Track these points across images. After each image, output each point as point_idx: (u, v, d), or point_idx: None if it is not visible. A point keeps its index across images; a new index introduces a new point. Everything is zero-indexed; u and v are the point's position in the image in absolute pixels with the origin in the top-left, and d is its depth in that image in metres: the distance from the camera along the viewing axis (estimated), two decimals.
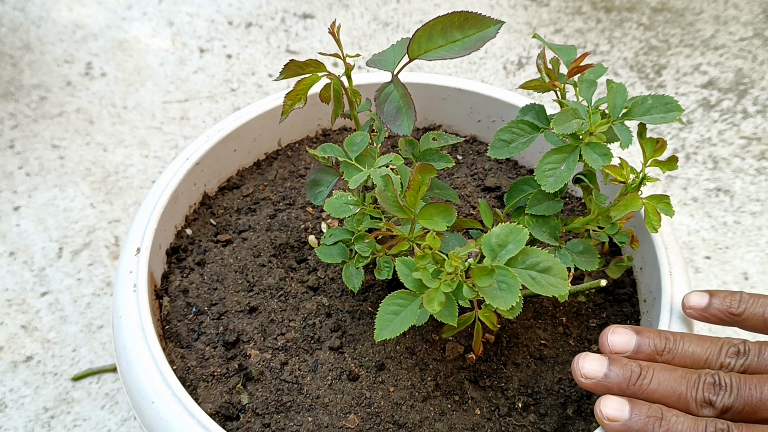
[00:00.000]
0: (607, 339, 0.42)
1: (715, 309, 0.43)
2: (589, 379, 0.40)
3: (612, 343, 0.41)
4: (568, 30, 1.11)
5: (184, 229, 0.57)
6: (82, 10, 1.13)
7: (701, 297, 0.44)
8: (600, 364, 0.40)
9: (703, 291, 0.44)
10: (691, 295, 0.44)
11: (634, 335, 0.41)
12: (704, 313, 0.43)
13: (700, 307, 0.43)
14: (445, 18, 0.42)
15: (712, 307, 0.43)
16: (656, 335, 0.41)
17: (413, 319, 0.40)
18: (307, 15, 1.14)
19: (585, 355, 0.41)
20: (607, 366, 0.40)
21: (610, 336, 0.42)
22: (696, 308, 0.43)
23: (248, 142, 0.61)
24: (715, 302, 0.43)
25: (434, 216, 0.42)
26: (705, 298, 0.43)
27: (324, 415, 0.45)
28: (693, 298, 0.44)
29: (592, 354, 0.41)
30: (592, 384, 0.40)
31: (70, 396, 0.68)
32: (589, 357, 0.40)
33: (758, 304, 0.42)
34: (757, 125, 0.95)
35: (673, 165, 0.46)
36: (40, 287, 0.77)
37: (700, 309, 0.43)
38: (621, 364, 0.40)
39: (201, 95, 1.00)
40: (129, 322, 0.46)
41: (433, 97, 0.65)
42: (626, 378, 0.39)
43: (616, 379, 0.39)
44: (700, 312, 0.43)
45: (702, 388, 0.38)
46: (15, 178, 0.88)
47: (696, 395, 0.38)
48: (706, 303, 0.43)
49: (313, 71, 0.45)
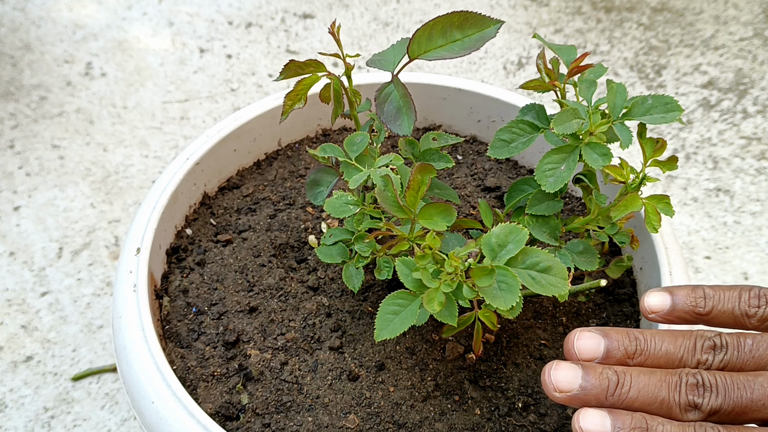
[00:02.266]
0: (573, 345, 0.38)
1: (680, 310, 0.40)
2: (563, 392, 0.36)
3: (579, 349, 0.38)
4: (568, 30, 1.11)
5: (184, 229, 0.57)
6: (82, 10, 1.13)
7: (663, 298, 0.40)
8: (574, 375, 0.36)
9: (663, 289, 0.40)
10: (651, 297, 0.40)
11: (602, 339, 0.38)
12: (668, 317, 0.40)
13: (663, 310, 0.40)
14: (445, 18, 0.42)
15: (676, 309, 0.40)
16: (625, 336, 0.38)
17: (413, 319, 0.40)
18: (307, 15, 1.14)
19: (556, 364, 0.37)
20: (582, 377, 0.36)
21: (577, 342, 0.38)
22: (659, 312, 0.40)
23: (248, 142, 0.61)
24: (679, 303, 0.40)
25: (434, 216, 0.42)
26: (667, 299, 0.40)
27: (324, 415, 0.45)
28: (654, 300, 0.40)
29: (563, 363, 0.37)
30: (567, 398, 0.36)
31: (70, 396, 0.68)
32: (561, 367, 0.36)
33: (726, 300, 0.39)
34: (757, 125, 0.95)
35: (673, 165, 0.46)
36: (40, 287, 0.77)
37: (664, 313, 0.40)
38: (596, 374, 0.36)
39: (201, 95, 1.00)
40: (129, 322, 0.46)
41: (433, 97, 0.65)
42: (603, 388, 0.36)
43: (592, 391, 0.36)
44: (664, 316, 0.40)
45: (684, 391, 0.35)
46: (15, 178, 0.88)
47: (679, 399, 0.35)
48: (669, 305, 0.40)
49: (313, 71, 0.45)
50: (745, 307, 0.39)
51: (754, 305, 0.38)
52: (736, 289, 0.39)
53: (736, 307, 0.39)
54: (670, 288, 0.41)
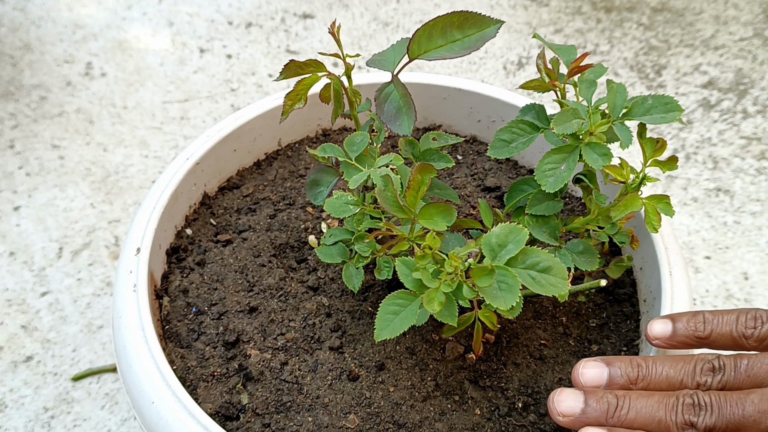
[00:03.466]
0: (579, 375, 0.41)
1: (681, 336, 0.42)
2: (566, 417, 0.39)
3: (584, 379, 0.41)
4: (568, 30, 1.11)
5: (184, 229, 0.57)
6: (82, 10, 1.13)
7: (664, 325, 0.43)
8: (576, 400, 0.39)
9: (665, 317, 0.44)
10: (654, 325, 0.44)
11: (605, 368, 0.41)
12: (671, 342, 0.43)
13: (665, 336, 0.43)
14: (445, 18, 0.42)
15: (677, 334, 0.43)
16: (627, 364, 0.41)
17: (413, 319, 0.40)
18: (307, 15, 1.14)
19: (560, 391, 0.40)
20: (584, 401, 0.39)
21: (582, 372, 0.41)
22: (662, 338, 0.43)
23: (248, 142, 0.61)
24: (680, 328, 0.43)
25: (434, 216, 0.42)
26: (669, 326, 0.43)
27: (324, 415, 0.45)
28: (656, 328, 0.43)
29: (567, 390, 0.40)
30: (570, 421, 0.39)
31: (70, 396, 0.68)
32: (565, 393, 0.40)
33: (723, 323, 0.42)
34: (757, 125, 0.95)
35: (673, 165, 0.46)
36: (40, 287, 0.77)
37: (666, 338, 0.43)
38: (597, 398, 0.39)
39: (201, 95, 1.00)
40: (129, 322, 0.46)
41: (433, 97, 0.65)
42: (603, 411, 0.38)
43: (593, 414, 0.39)
44: (667, 341, 0.43)
45: (681, 411, 0.37)
46: (15, 178, 0.88)
47: (676, 419, 0.37)
48: (670, 331, 0.43)
49: (313, 71, 0.45)
50: (742, 329, 0.41)
51: (751, 326, 0.41)
52: (735, 313, 0.42)
53: (734, 330, 0.41)
54: (672, 315, 0.44)
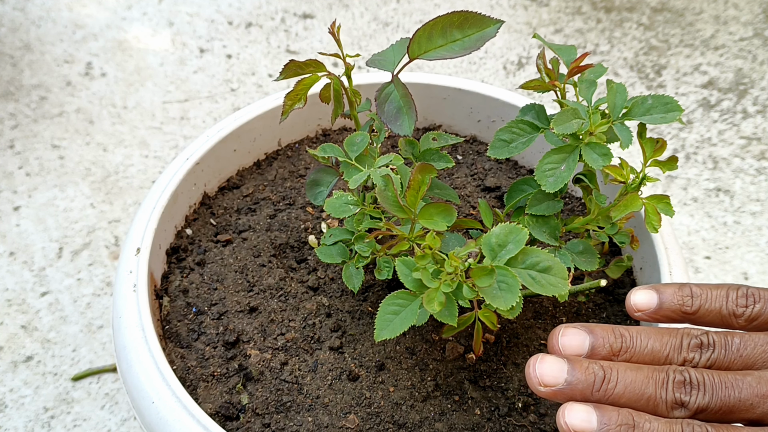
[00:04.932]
0: (557, 341, 0.37)
1: (666, 309, 0.39)
2: (548, 387, 0.35)
3: (564, 345, 0.37)
4: (568, 30, 1.11)
5: (184, 229, 0.57)
6: (82, 10, 1.13)
7: (649, 296, 0.40)
8: (559, 369, 0.35)
9: (649, 287, 0.40)
10: (637, 294, 0.40)
11: (587, 335, 0.37)
12: (655, 315, 0.40)
13: (650, 308, 0.40)
14: (445, 18, 0.42)
15: (663, 307, 0.39)
16: (611, 332, 0.38)
17: (413, 319, 0.40)
18: (307, 15, 1.14)
19: (541, 358, 0.36)
20: (568, 371, 0.35)
21: (561, 338, 0.37)
22: (645, 310, 0.40)
23: (248, 142, 0.61)
24: (666, 300, 0.39)
25: (434, 216, 0.42)
26: (654, 298, 0.39)
27: (324, 415, 0.45)
28: (640, 298, 0.40)
29: (548, 357, 0.36)
30: (552, 392, 0.35)
31: (70, 396, 0.68)
32: (547, 361, 0.36)
33: (713, 299, 0.39)
34: (757, 125, 0.95)
35: (673, 165, 0.46)
36: (40, 287, 0.77)
37: (651, 311, 0.40)
38: (583, 368, 0.35)
39: (201, 95, 1.00)
40: (129, 322, 0.46)
41: (433, 97, 0.65)
42: (590, 383, 0.35)
43: (578, 386, 0.35)
44: (651, 314, 0.40)
45: (672, 388, 0.35)
46: (15, 178, 0.88)
47: (666, 396, 0.35)
48: (656, 303, 0.39)
49: (313, 71, 0.45)
50: (732, 307, 0.38)
51: (742, 305, 0.38)
52: (723, 288, 0.39)
53: (724, 307, 0.38)
54: (657, 286, 0.40)
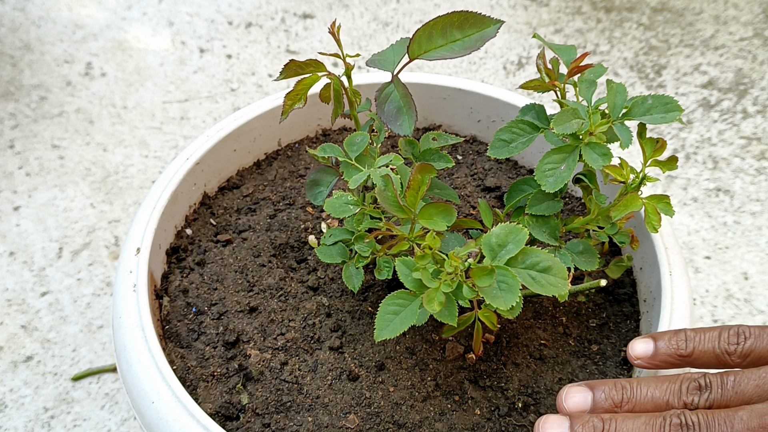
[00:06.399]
0: (563, 401, 0.40)
1: (663, 354, 0.42)
2: None
3: (568, 404, 0.40)
4: (568, 30, 1.11)
5: (184, 229, 0.57)
6: (82, 10, 1.13)
7: (646, 344, 0.42)
8: (561, 426, 0.38)
9: (646, 337, 0.43)
10: (636, 344, 0.43)
11: (589, 392, 0.40)
12: (653, 361, 0.42)
13: (647, 355, 0.42)
14: (445, 18, 0.42)
15: (659, 353, 0.42)
16: (611, 386, 0.40)
17: (413, 319, 0.40)
18: (307, 15, 1.14)
19: (545, 419, 0.39)
20: (569, 427, 0.38)
21: (565, 400, 0.40)
22: (643, 357, 0.42)
23: (248, 142, 0.61)
24: (662, 347, 0.42)
25: (434, 216, 0.42)
26: (650, 345, 0.42)
27: (324, 415, 0.45)
28: (638, 347, 0.43)
29: (552, 416, 0.39)
30: None
31: (70, 396, 0.68)
32: (550, 420, 0.39)
33: (705, 341, 0.41)
34: (757, 125, 0.95)
35: (673, 165, 0.46)
36: (40, 287, 0.77)
37: (648, 357, 0.42)
38: (583, 422, 0.38)
39: (201, 95, 1.00)
40: (129, 322, 0.46)
41: (433, 97, 0.65)
42: None
43: None
44: (648, 360, 0.42)
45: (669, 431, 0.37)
46: (15, 178, 0.88)
47: None
48: (652, 350, 0.42)
49: (313, 71, 0.45)
50: (724, 345, 0.40)
51: (733, 342, 0.40)
52: (717, 329, 0.41)
53: (716, 346, 0.41)
54: (654, 334, 0.43)
